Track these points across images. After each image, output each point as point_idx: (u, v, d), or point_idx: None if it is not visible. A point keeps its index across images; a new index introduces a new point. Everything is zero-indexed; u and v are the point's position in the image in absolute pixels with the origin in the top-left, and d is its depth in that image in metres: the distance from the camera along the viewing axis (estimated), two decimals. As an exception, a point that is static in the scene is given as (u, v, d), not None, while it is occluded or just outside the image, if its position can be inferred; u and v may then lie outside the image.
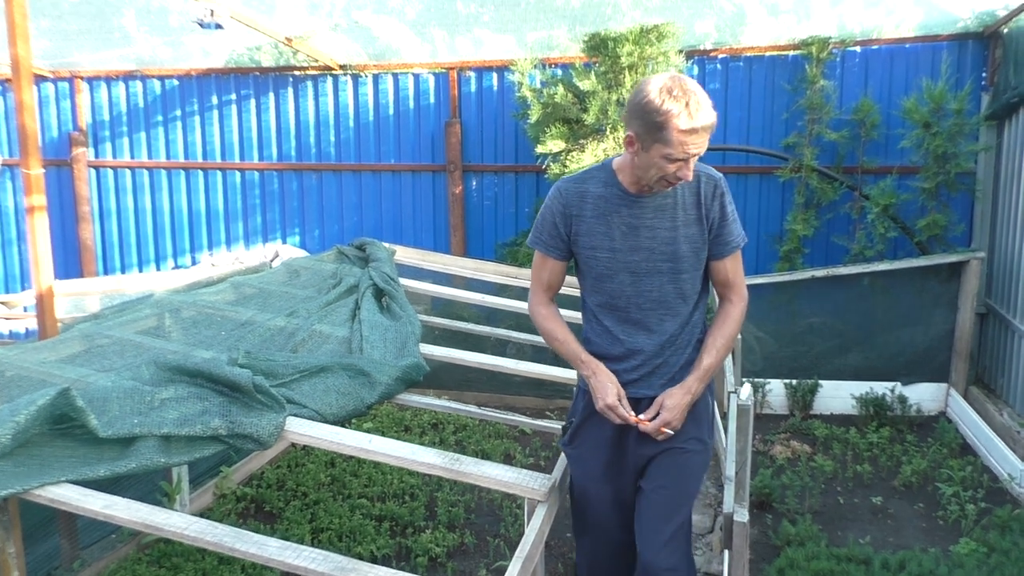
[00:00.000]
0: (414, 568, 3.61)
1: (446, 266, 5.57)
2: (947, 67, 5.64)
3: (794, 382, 5.59)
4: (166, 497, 3.75)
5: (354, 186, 7.02)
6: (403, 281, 4.54)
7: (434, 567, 3.65)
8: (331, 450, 2.73)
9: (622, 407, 2.23)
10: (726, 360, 3.62)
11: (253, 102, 7.09)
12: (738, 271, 2.35)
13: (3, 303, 5.90)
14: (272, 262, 5.80)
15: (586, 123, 5.60)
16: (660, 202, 2.25)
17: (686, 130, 2.03)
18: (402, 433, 5.20)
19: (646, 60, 5.50)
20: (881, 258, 5.65)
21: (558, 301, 2.49)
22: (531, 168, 6.44)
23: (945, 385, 5.50)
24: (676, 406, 2.23)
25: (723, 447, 3.48)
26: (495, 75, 6.60)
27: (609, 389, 2.24)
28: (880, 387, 5.49)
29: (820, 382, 5.57)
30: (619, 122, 5.51)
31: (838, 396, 5.57)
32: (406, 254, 5.46)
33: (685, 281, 2.28)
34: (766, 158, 6.13)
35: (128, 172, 7.41)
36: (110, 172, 7.44)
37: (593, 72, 5.64)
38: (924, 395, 5.51)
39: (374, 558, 3.65)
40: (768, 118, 6.17)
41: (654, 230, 2.25)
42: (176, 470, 3.81)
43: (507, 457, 4.87)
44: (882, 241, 5.68)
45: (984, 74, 5.74)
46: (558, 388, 5.39)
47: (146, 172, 7.38)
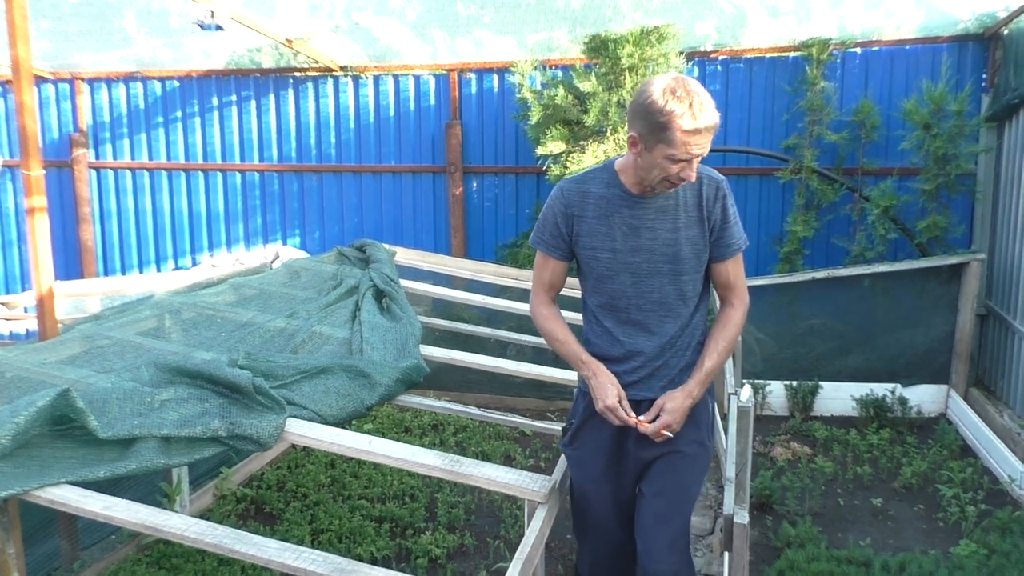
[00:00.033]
0: (414, 569, 3.61)
1: (446, 267, 5.57)
2: (947, 69, 5.64)
3: (794, 384, 5.59)
4: (166, 498, 3.75)
5: (354, 187, 7.02)
6: (403, 282, 4.55)
7: (434, 568, 3.65)
8: (331, 451, 2.74)
9: (622, 409, 2.23)
10: (726, 361, 3.62)
11: (253, 103, 7.10)
12: (739, 274, 2.35)
13: (3, 304, 5.90)
14: (272, 263, 5.80)
15: (586, 124, 5.60)
16: (662, 203, 2.25)
17: (689, 130, 2.03)
18: (402, 434, 5.20)
19: (646, 62, 5.51)
20: (881, 260, 5.65)
21: (559, 302, 2.50)
22: (531, 169, 6.44)
23: (945, 387, 5.50)
24: (676, 409, 2.23)
25: (723, 448, 3.48)
26: (496, 76, 6.61)
27: (609, 390, 2.24)
28: (880, 389, 5.49)
29: (820, 384, 5.57)
30: (620, 123, 5.51)
31: (838, 398, 5.57)
32: (406, 255, 5.46)
33: (686, 283, 2.28)
34: (766, 159, 6.13)
35: (128, 173, 7.42)
36: (110, 173, 7.45)
37: (593, 74, 5.64)
38: (924, 397, 5.50)
39: (374, 559, 3.65)
40: (768, 119, 6.18)
41: (655, 231, 2.25)
42: (176, 471, 3.81)
43: (507, 458, 4.87)
44: (882, 243, 5.68)
45: (984, 75, 5.74)
46: (558, 389, 5.38)
47: (146, 173, 7.39)
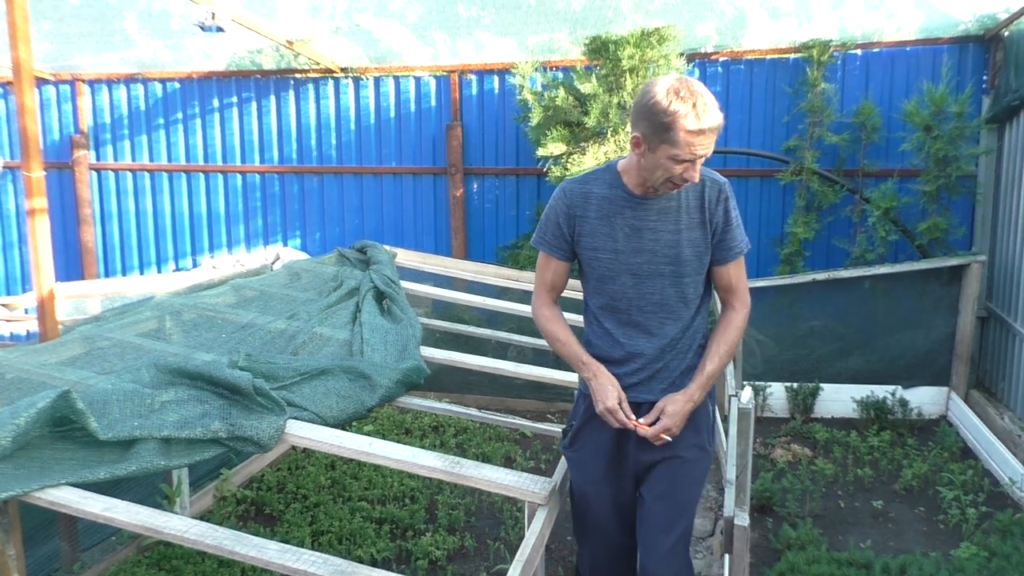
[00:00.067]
0: (414, 571, 3.61)
1: (447, 269, 5.57)
2: (948, 70, 5.64)
3: (795, 385, 5.59)
4: (166, 500, 3.75)
5: (355, 189, 7.02)
6: (404, 284, 4.54)
7: (434, 570, 3.64)
8: (331, 453, 2.74)
9: (622, 411, 2.23)
10: (728, 365, 3.62)
11: (254, 105, 7.10)
12: (741, 277, 2.35)
13: (4, 305, 5.90)
14: (273, 265, 5.80)
15: (587, 126, 5.60)
16: (664, 205, 2.25)
17: (693, 131, 2.03)
18: (403, 436, 5.20)
19: (647, 63, 5.51)
20: (882, 261, 5.65)
21: (561, 304, 2.49)
22: (532, 171, 6.44)
23: (946, 389, 5.49)
24: (676, 413, 2.22)
25: (724, 450, 3.48)
26: (496, 78, 6.61)
27: (610, 392, 2.24)
28: (881, 390, 5.48)
29: (821, 385, 5.56)
30: (620, 125, 5.52)
31: (839, 399, 5.57)
32: (407, 257, 5.46)
33: (687, 285, 2.28)
34: (767, 161, 6.13)
35: (129, 175, 7.42)
36: (111, 175, 7.45)
37: (594, 75, 5.64)
38: (925, 399, 5.50)
39: (374, 561, 3.65)
40: (769, 121, 6.18)
41: (657, 232, 2.25)
42: (176, 473, 3.81)
43: (508, 460, 4.87)
44: (883, 244, 5.68)
45: (985, 77, 5.74)
46: (559, 391, 5.38)
47: (147, 175, 7.39)
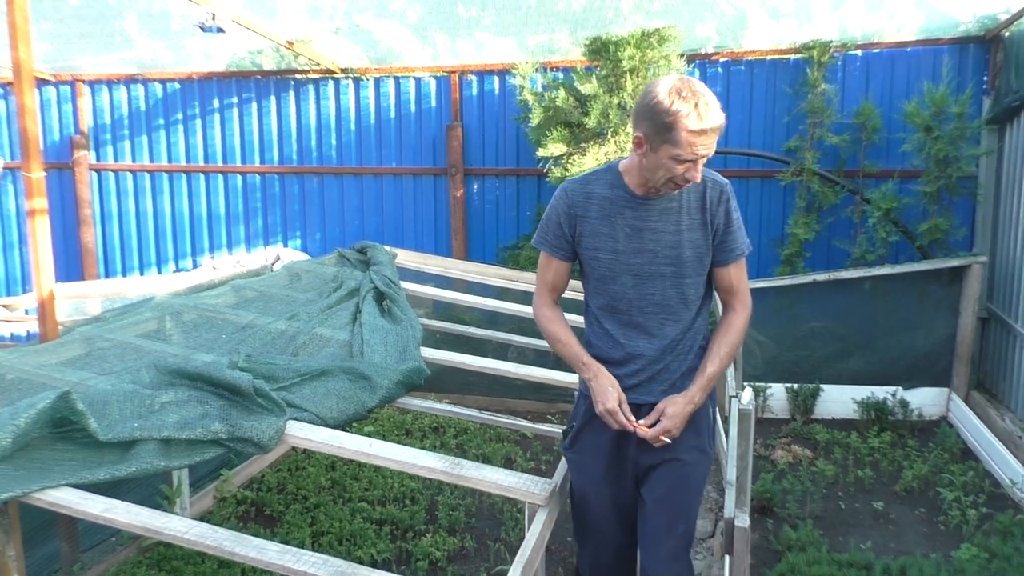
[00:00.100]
0: (414, 572, 3.61)
1: (447, 269, 5.57)
2: (948, 71, 5.64)
3: (795, 386, 5.58)
4: (166, 500, 3.75)
5: (355, 189, 7.02)
6: (404, 284, 4.54)
7: (434, 571, 3.64)
8: (331, 454, 2.73)
9: (622, 412, 2.22)
10: (728, 367, 3.61)
11: (254, 105, 7.10)
12: (742, 279, 2.34)
13: (4, 306, 5.90)
14: (273, 265, 5.80)
15: (587, 127, 5.60)
16: (665, 205, 2.25)
17: (695, 131, 2.03)
18: (403, 437, 5.20)
19: (647, 64, 5.51)
20: (882, 262, 5.65)
21: (563, 306, 2.49)
22: (532, 172, 6.44)
23: (947, 390, 5.49)
24: (677, 415, 2.22)
25: (724, 451, 3.48)
26: (496, 79, 6.61)
27: (610, 393, 2.23)
28: (881, 391, 5.48)
29: (821, 386, 5.56)
30: (620, 126, 5.52)
31: (839, 400, 5.56)
32: (407, 257, 5.45)
33: (688, 286, 2.28)
34: (767, 162, 6.13)
35: (129, 175, 7.43)
36: (111, 175, 7.45)
37: (594, 76, 5.64)
38: (925, 400, 5.49)
39: (374, 562, 3.64)
40: (769, 122, 6.18)
41: (658, 233, 2.25)
42: (176, 473, 3.81)
43: (508, 461, 4.86)
44: (883, 245, 5.68)
45: (985, 78, 5.74)
46: (559, 392, 5.38)
47: (147, 175, 7.39)
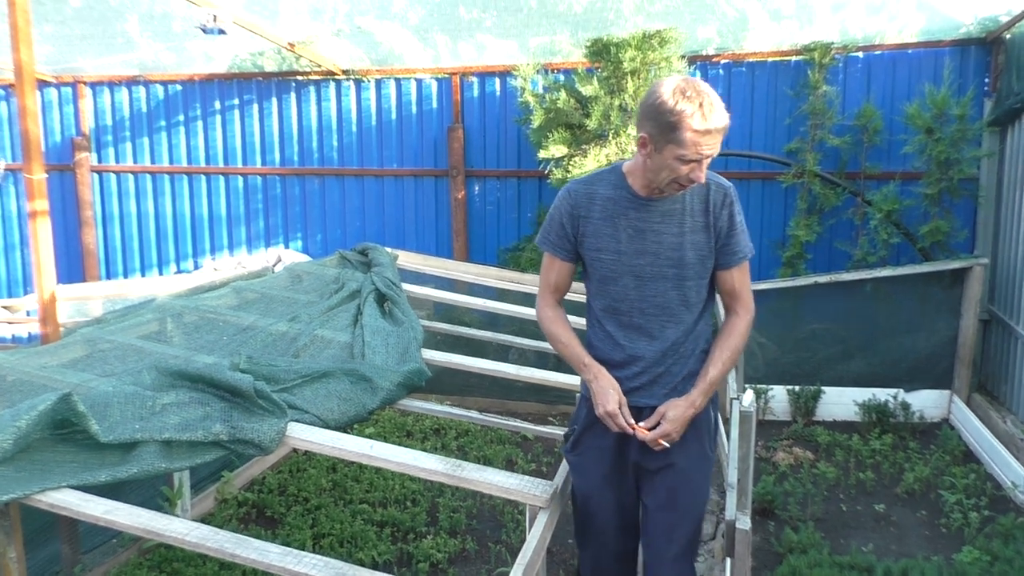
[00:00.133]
0: (415, 574, 3.60)
1: (448, 271, 5.57)
2: (949, 73, 5.64)
3: (797, 388, 5.58)
4: (167, 502, 3.75)
5: (357, 191, 7.03)
6: (405, 286, 4.54)
7: (435, 573, 3.64)
8: (333, 455, 2.73)
9: (622, 415, 2.22)
10: (731, 371, 3.61)
11: (256, 107, 7.11)
12: (745, 283, 2.33)
13: (6, 307, 5.90)
14: (274, 267, 5.79)
15: (588, 128, 5.60)
16: (668, 207, 2.24)
17: (700, 130, 2.03)
18: (404, 439, 5.20)
19: (648, 65, 5.51)
20: (884, 264, 5.64)
21: (566, 308, 2.49)
22: (533, 173, 6.44)
23: (948, 392, 5.48)
24: (677, 418, 2.21)
25: (725, 453, 3.47)
26: (498, 80, 6.61)
27: (610, 396, 2.23)
28: (883, 394, 5.48)
29: (823, 388, 5.55)
30: (621, 127, 5.52)
31: (841, 402, 5.56)
32: (408, 259, 5.45)
33: (689, 288, 2.27)
34: (769, 163, 6.13)
35: (131, 177, 7.43)
36: (113, 177, 7.46)
37: (595, 77, 5.64)
38: (927, 402, 5.49)
39: (375, 564, 3.64)
40: (771, 123, 6.18)
41: (660, 235, 2.24)
42: (178, 475, 3.81)
43: (509, 463, 4.86)
44: (885, 247, 5.67)
45: (987, 80, 5.74)
46: (560, 394, 5.37)
47: (149, 177, 7.40)
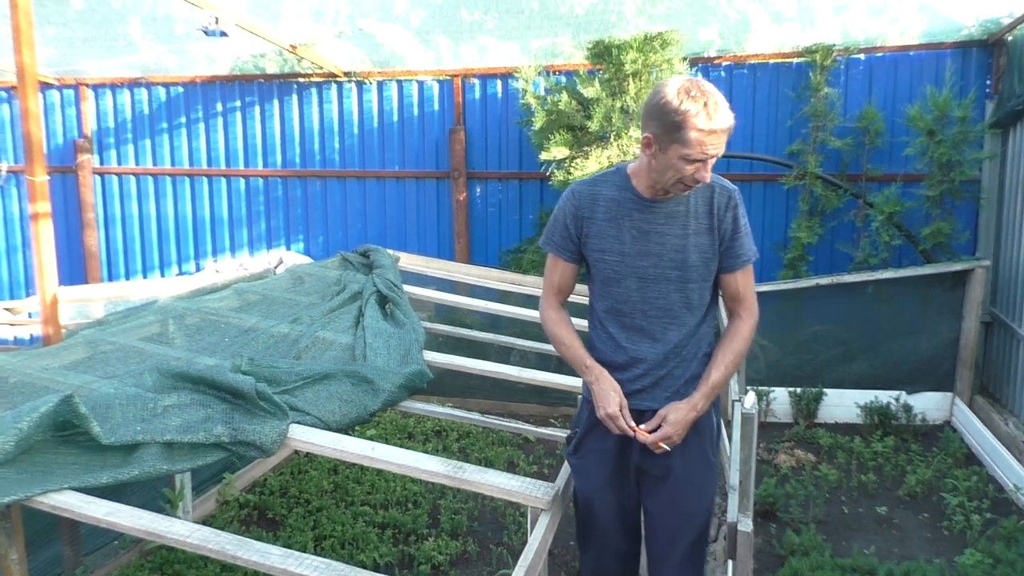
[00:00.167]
0: (417, 576, 3.60)
1: (450, 273, 5.57)
2: (951, 75, 5.64)
3: (798, 390, 5.57)
4: (169, 504, 3.75)
5: (358, 193, 7.03)
6: (407, 288, 4.54)
7: (437, 575, 3.64)
8: (334, 457, 2.73)
9: (623, 417, 2.21)
10: (733, 375, 3.60)
11: (257, 109, 7.11)
12: (749, 286, 2.33)
13: (8, 309, 5.90)
14: (276, 269, 5.79)
15: (590, 130, 5.61)
16: (672, 209, 2.24)
17: (704, 130, 2.04)
18: (405, 440, 5.20)
19: (650, 67, 5.51)
20: (885, 266, 5.64)
21: (569, 310, 2.49)
22: (535, 175, 6.44)
23: (950, 394, 5.48)
24: (678, 421, 2.20)
25: (727, 456, 3.47)
26: (499, 82, 6.62)
27: (611, 398, 2.23)
28: (885, 396, 5.47)
29: (824, 390, 5.55)
30: (623, 129, 5.52)
31: (842, 405, 5.55)
32: (410, 261, 5.46)
33: (692, 291, 2.27)
34: (770, 165, 6.12)
35: (133, 179, 7.44)
36: (115, 179, 7.46)
37: (597, 79, 5.64)
38: (929, 404, 5.48)
39: (377, 566, 3.64)
40: (772, 125, 6.17)
41: (664, 236, 2.24)
42: (179, 477, 3.81)
43: (511, 465, 4.86)
44: (886, 249, 5.67)
45: (988, 82, 5.73)
46: (562, 395, 5.38)
47: (151, 179, 7.40)
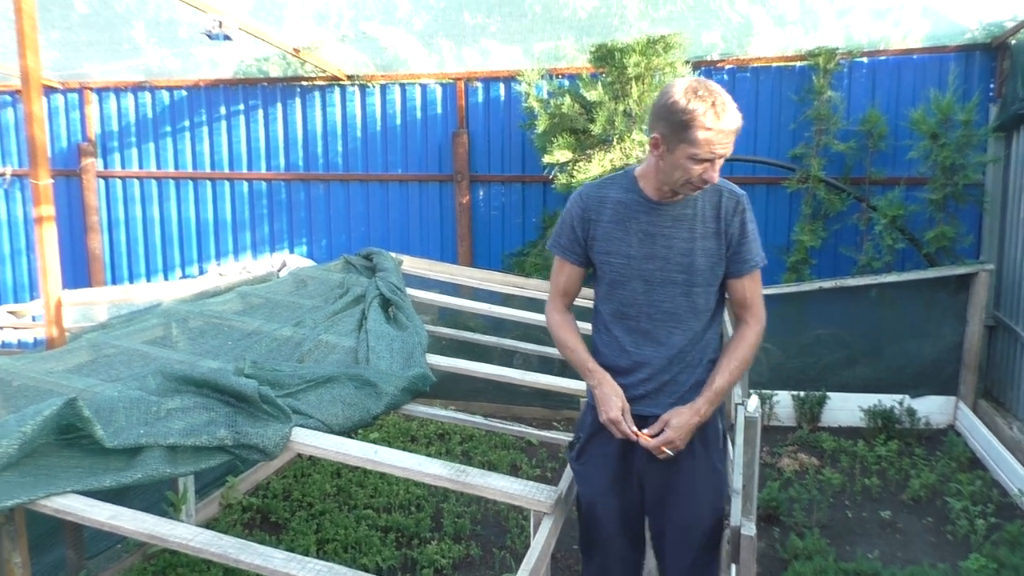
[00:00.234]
0: (419, 580, 3.60)
1: (453, 276, 5.57)
2: (954, 78, 5.63)
3: (802, 394, 5.56)
4: (172, 507, 3.75)
5: (361, 196, 7.04)
6: (410, 291, 4.55)
7: (439, 579, 3.64)
8: (337, 460, 2.73)
9: (625, 422, 2.20)
10: (738, 381, 3.60)
11: (261, 112, 7.13)
12: (756, 292, 2.31)
13: (12, 312, 5.92)
14: (279, 272, 5.80)
15: (593, 133, 5.61)
16: (679, 212, 2.24)
17: (712, 129, 2.03)
18: (408, 444, 5.19)
19: (653, 71, 5.51)
20: (889, 270, 5.63)
21: (575, 313, 2.48)
22: (538, 178, 6.44)
23: (954, 398, 5.46)
24: (681, 426, 2.18)
25: (730, 459, 3.46)
26: (502, 85, 6.62)
27: (613, 402, 2.22)
28: (888, 399, 5.46)
29: (828, 394, 5.54)
30: (626, 132, 5.52)
31: (846, 408, 5.54)
32: (413, 264, 5.46)
33: (698, 295, 2.26)
34: (773, 169, 6.12)
35: (136, 182, 7.45)
36: (119, 182, 7.48)
37: (600, 83, 5.65)
38: (933, 408, 5.47)
39: (379, 570, 3.64)
40: (775, 129, 6.17)
41: (670, 239, 2.24)
42: (182, 480, 3.81)
43: (513, 468, 4.86)
44: (890, 252, 5.66)
45: (992, 85, 5.73)
46: (565, 399, 5.37)
47: (154, 182, 7.42)
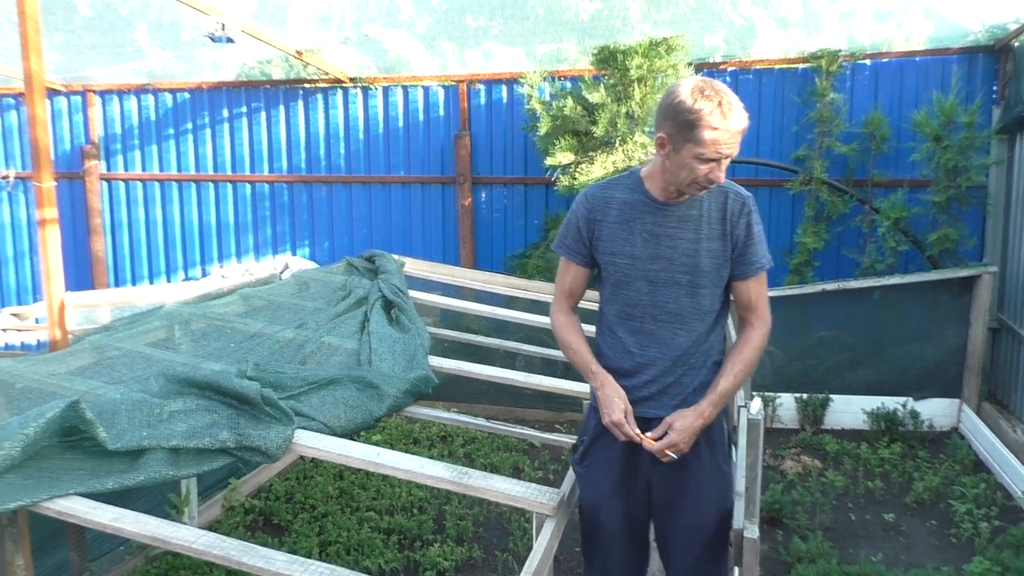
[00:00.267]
0: (422, 582, 3.60)
1: (455, 278, 5.57)
2: (957, 80, 5.62)
3: (805, 396, 5.56)
4: (175, 509, 3.75)
5: (364, 198, 7.04)
6: (412, 293, 4.55)
7: (442, 581, 3.63)
8: (339, 463, 2.73)
9: (628, 425, 2.20)
10: (743, 384, 3.59)
11: (264, 115, 7.14)
12: (761, 294, 2.30)
13: (15, 315, 5.92)
14: (282, 274, 5.80)
15: (595, 135, 5.61)
16: (685, 212, 2.23)
17: (718, 128, 2.03)
18: (411, 446, 5.19)
19: (655, 73, 5.52)
20: (892, 272, 5.62)
21: (580, 315, 2.48)
22: (540, 180, 6.45)
23: (957, 401, 5.45)
24: (685, 429, 2.18)
25: (733, 462, 3.46)
26: (504, 88, 6.63)
27: (615, 405, 2.21)
28: (891, 402, 5.45)
29: (831, 396, 5.53)
30: (628, 134, 5.52)
31: (849, 411, 5.53)
32: (415, 266, 5.46)
33: (703, 296, 2.25)
34: (776, 171, 6.12)
35: (140, 184, 7.47)
36: (122, 185, 7.49)
37: (602, 85, 5.65)
38: (936, 410, 5.45)
39: (382, 572, 3.64)
40: (778, 131, 6.17)
41: (675, 240, 2.23)
42: (185, 482, 3.82)
43: (516, 470, 4.85)
44: (893, 255, 5.66)
45: (995, 87, 5.72)
46: (567, 401, 5.37)
47: (157, 184, 7.43)
